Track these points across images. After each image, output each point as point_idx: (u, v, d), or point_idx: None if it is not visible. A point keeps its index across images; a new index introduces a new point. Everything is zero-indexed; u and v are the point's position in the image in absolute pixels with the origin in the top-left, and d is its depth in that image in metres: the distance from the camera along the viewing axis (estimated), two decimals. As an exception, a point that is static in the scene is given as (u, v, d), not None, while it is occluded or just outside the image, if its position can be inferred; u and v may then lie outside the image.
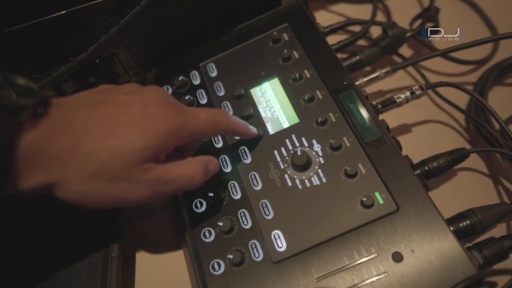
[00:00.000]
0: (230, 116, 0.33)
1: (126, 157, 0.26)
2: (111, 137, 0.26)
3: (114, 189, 0.27)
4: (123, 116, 0.27)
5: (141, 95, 0.29)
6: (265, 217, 0.32)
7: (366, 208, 0.31)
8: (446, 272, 0.27)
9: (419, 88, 0.36)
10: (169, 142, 0.28)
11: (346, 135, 0.34)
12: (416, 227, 0.29)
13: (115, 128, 0.27)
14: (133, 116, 0.27)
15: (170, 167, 0.29)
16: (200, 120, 0.30)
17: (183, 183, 0.29)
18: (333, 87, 0.37)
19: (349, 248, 0.29)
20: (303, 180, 0.33)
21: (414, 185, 0.31)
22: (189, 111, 0.30)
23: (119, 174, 0.26)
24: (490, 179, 0.37)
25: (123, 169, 0.26)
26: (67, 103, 0.27)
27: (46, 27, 0.37)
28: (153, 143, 0.27)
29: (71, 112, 0.26)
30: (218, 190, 0.34)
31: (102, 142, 0.26)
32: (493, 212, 0.32)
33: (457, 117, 0.42)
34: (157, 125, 0.28)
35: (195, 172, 0.30)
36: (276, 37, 0.41)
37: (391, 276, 0.28)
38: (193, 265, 0.32)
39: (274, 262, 0.30)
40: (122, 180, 0.27)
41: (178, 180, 0.29)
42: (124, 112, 0.28)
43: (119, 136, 0.27)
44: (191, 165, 0.30)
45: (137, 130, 0.27)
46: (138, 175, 0.27)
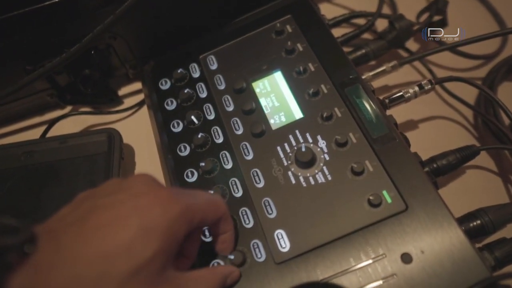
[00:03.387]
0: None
1: (140, 275, 0.21)
2: (113, 255, 0.21)
3: None
4: (116, 222, 0.22)
5: (126, 190, 0.24)
6: (268, 216, 0.31)
7: (374, 207, 0.29)
8: (457, 274, 0.26)
9: (428, 83, 0.35)
10: (178, 233, 0.24)
11: (352, 131, 0.33)
12: (426, 227, 0.28)
13: (113, 241, 0.22)
14: (125, 218, 0.23)
15: (189, 281, 0.25)
16: (200, 199, 0.26)
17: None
18: (339, 81, 0.35)
19: (356, 249, 0.28)
20: (308, 178, 0.32)
21: (423, 184, 0.29)
22: (186, 192, 0.26)
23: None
24: (499, 177, 0.36)
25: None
26: (51, 228, 0.23)
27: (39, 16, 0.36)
28: (161, 242, 0.22)
29: (57, 236, 0.22)
30: (219, 188, 0.33)
31: (103, 265, 0.21)
32: (504, 212, 0.31)
33: (465, 113, 0.40)
34: (156, 218, 0.23)
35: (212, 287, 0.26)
36: (279, 29, 0.40)
37: (400, 278, 0.27)
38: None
39: (277, 263, 0.29)
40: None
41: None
42: (115, 217, 0.23)
43: (120, 251, 0.21)
44: (209, 279, 0.26)
45: (138, 235, 0.22)
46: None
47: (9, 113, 0.43)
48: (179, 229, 0.24)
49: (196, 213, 0.25)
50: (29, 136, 0.41)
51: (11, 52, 0.38)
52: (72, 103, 0.44)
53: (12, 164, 0.38)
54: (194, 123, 0.37)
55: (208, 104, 0.38)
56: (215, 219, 0.28)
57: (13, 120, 0.44)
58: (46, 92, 0.42)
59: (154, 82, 0.41)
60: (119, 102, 0.45)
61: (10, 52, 0.38)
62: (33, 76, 0.36)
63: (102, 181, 0.36)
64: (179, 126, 0.38)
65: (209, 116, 0.37)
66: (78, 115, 0.43)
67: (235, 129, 0.36)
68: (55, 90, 0.42)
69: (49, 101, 0.43)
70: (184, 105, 0.39)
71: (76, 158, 0.38)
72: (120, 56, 0.43)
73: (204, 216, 0.26)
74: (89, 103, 0.44)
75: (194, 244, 0.28)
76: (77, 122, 0.43)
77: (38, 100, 0.43)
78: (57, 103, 0.44)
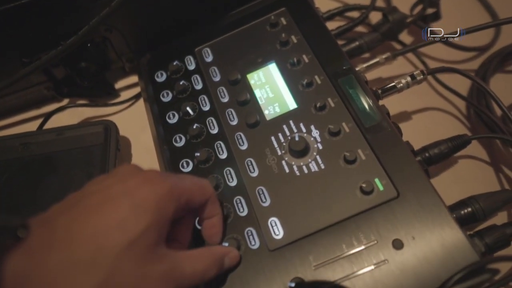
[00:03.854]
0: None
1: (133, 249, 0.22)
2: (106, 232, 0.22)
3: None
4: (106, 203, 0.23)
5: (112, 177, 0.25)
6: (262, 204, 0.31)
7: (366, 195, 0.30)
8: (447, 259, 0.26)
9: (420, 73, 0.35)
10: (167, 210, 0.24)
11: (345, 120, 0.33)
12: (417, 213, 0.28)
13: (105, 219, 0.22)
14: (115, 198, 0.23)
15: (185, 259, 0.25)
16: (186, 180, 0.27)
17: (197, 280, 0.25)
18: (332, 72, 0.36)
19: (348, 235, 0.29)
20: (301, 167, 0.32)
21: (415, 171, 0.30)
22: (171, 174, 0.27)
23: (132, 273, 0.22)
24: (491, 166, 0.37)
25: (135, 265, 0.22)
26: (43, 217, 0.23)
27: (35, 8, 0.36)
28: (151, 218, 0.23)
29: (50, 222, 0.23)
30: (214, 177, 0.33)
31: (97, 242, 0.22)
32: (495, 199, 0.31)
33: (457, 104, 0.41)
34: (145, 196, 0.24)
35: (208, 267, 0.26)
36: (273, 22, 0.40)
37: (391, 264, 0.27)
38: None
39: (271, 250, 0.29)
40: (137, 279, 0.22)
41: (193, 276, 0.25)
42: (105, 198, 0.23)
43: (112, 227, 0.22)
44: (205, 258, 0.26)
45: (129, 213, 0.23)
46: (151, 268, 0.23)
47: (6, 106, 0.43)
48: (167, 206, 0.24)
49: (183, 192, 0.26)
50: (26, 129, 0.42)
51: (7, 44, 0.38)
52: (68, 96, 0.44)
53: (9, 156, 0.38)
54: (190, 114, 0.37)
55: (203, 95, 0.38)
56: (202, 201, 0.28)
57: (10, 113, 0.44)
58: (43, 85, 0.43)
59: (150, 75, 0.41)
60: (115, 95, 0.45)
61: (6, 45, 0.38)
62: (30, 68, 0.37)
63: (99, 172, 0.37)
64: (174, 117, 0.38)
65: (204, 108, 0.38)
66: (75, 108, 0.43)
67: (230, 119, 0.36)
68: (52, 83, 0.43)
69: (45, 94, 0.44)
70: (179, 97, 0.39)
71: (73, 150, 0.38)
72: (116, 49, 0.43)
73: (191, 196, 0.27)
74: (86, 96, 0.44)
75: (186, 228, 0.28)
76: (73, 115, 0.44)
77: (35, 93, 0.43)
78: (54, 96, 0.44)
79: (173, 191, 0.25)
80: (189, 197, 0.27)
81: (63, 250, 0.21)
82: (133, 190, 0.24)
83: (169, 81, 0.40)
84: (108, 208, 0.23)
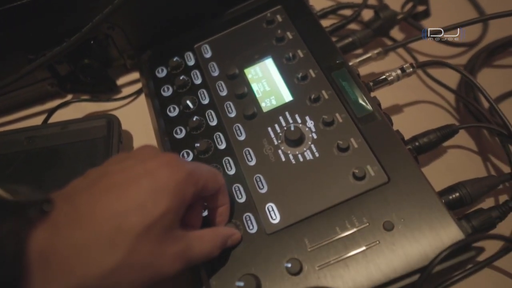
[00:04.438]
0: None
1: (152, 230, 0.23)
2: (126, 213, 0.23)
3: (147, 271, 0.23)
4: (127, 183, 0.24)
5: (133, 157, 0.26)
6: (259, 190, 0.33)
7: (358, 180, 0.31)
8: (435, 238, 0.28)
9: (409, 66, 0.37)
10: (185, 194, 0.25)
11: (338, 111, 0.35)
12: (406, 197, 0.30)
13: (126, 200, 0.23)
14: (136, 179, 0.24)
15: (195, 238, 0.26)
16: (202, 167, 0.28)
17: (204, 258, 0.27)
18: (326, 65, 0.37)
19: (342, 219, 0.30)
20: (296, 155, 0.34)
21: (404, 158, 0.31)
22: (188, 161, 0.28)
23: (150, 253, 0.23)
24: (479, 155, 0.38)
25: (153, 245, 0.23)
26: (65, 192, 0.24)
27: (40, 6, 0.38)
28: (170, 201, 0.24)
29: (73, 198, 0.24)
30: (213, 167, 0.34)
31: (118, 221, 0.22)
32: (481, 185, 0.33)
33: (447, 97, 0.43)
34: (165, 179, 0.24)
35: (214, 245, 0.27)
36: (269, 19, 0.42)
37: (382, 244, 0.28)
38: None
39: (268, 234, 0.31)
40: (154, 258, 0.23)
41: (201, 254, 0.26)
42: (126, 178, 0.24)
43: (133, 208, 0.23)
44: (212, 238, 0.28)
45: (149, 195, 0.24)
46: (167, 248, 0.24)
47: (12, 101, 0.45)
48: (186, 191, 0.25)
49: (200, 178, 0.27)
50: (31, 124, 0.43)
51: (13, 42, 0.40)
52: (72, 91, 0.46)
53: (15, 149, 0.40)
54: (190, 108, 0.39)
55: (202, 89, 0.40)
56: (215, 189, 0.29)
57: (16, 109, 0.46)
58: (47, 81, 0.44)
59: (151, 70, 0.43)
60: (117, 91, 0.47)
61: (12, 42, 0.40)
62: (36, 64, 0.38)
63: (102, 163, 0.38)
64: (175, 110, 0.39)
65: (203, 101, 0.39)
66: (78, 103, 0.45)
67: (228, 112, 0.38)
68: (56, 79, 0.44)
69: (49, 90, 0.45)
70: (179, 91, 0.40)
71: (77, 143, 0.40)
72: (118, 46, 0.44)
73: (206, 183, 0.28)
74: (89, 92, 0.46)
75: (197, 213, 0.29)
76: (77, 110, 0.45)
77: (39, 89, 0.44)
78: (58, 92, 0.45)
79: (192, 176, 0.26)
80: (205, 184, 0.27)
81: (85, 228, 0.22)
82: (154, 172, 0.25)
83: (169, 77, 0.42)
84: (129, 189, 0.24)
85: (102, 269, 0.22)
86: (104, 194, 0.23)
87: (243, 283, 0.28)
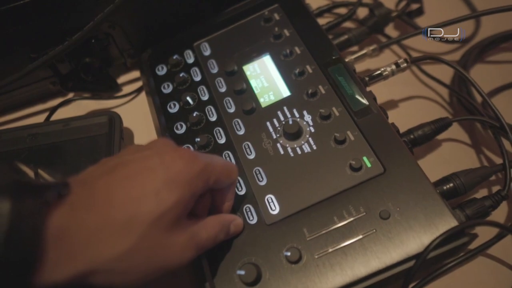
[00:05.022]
0: None
1: (164, 219, 0.24)
2: (141, 200, 0.24)
3: (157, 258, 0.24)
4: (143, 173, 0.25)
5: (150, 149, 0.27)
6: (259, 183, 0.34)
7: (355, 171, 0.32)
8: (430, 227, 0.29)
9: (404, 61, 0.38)
10: (197, 187, 0.26)
11: (335, 105, 0.36)
12: (402, 186, 0.31)
13: (141, 188, 0.24)
14: (152, 170, 0.25)
15: (201, 227, 0.27)
16: (217, 162, 0.29)
17: (209, 246, 0.28)
18: (323, 61, 0.38)
19: (339, 209, 0.31)
20: (295, 148, 0.34)
21: (399, 149, 0.32)
22: (204, 154, 0.28)
23: (160, 240, 0.24)
24: (472, 148, 0.39)
25: (163, 233, 0.24)
26: (82, 178, 0.25)
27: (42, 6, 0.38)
28: (182, 193, 0.25)
29: (89, 183, 0.24)
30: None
31: (132, 208, 0.23)
32: (474, 175, 0.33)
33: (441, 92, 0.44)
34: (180, 172, 0.25)
35: (218, 233, 0.28)
36: (267, 17, 0.43)
37: (378, 232, 0.29)
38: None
39: (268, 224, 0.31)
40: (164, 247, 0.24)
41: (207, 242, 0.27)
42: (143, 168, 0.25)
43: (148, 197, 0.24)
44: (215, 225, 0.29)
45: (164, 185, 0.24)
46: (176, 238, 0.25)
47: (14, 100, 0.45)
48: (198, 184, 0.26)
49: (213, 173, 0.28)
50: (33, 122, 0.44)
51: (16, 41, 0.41)
52: (73, 90, 0.46)
53: (18, 146, 0.40)
54: (190, 104, 0.40)
55: (202, 86, 0.41)
56: (228, 183, 0.30)
57: (18, 108, 0.46)
58: (49, 80, 0.45)
59: (151, 68, 0.44)
60: (118, 89, 0.47)
61: (15, 41, 0.41)
62: (39, 62, 0.39)
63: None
64: (175, 107, 0.40)
65: (203, 97, 0.40)
66: (79, 101, 0.46)
67: (228, 107, 0.38)
68: (58, 78, 0.45)
69: (51, 89, 0.46)
70: (179, 88, 0.41)
71: (79, 139, 0.40)
72: (118, 45, 0.45)
73: (219, 178, 0.28)
74: (90, 90, 0.47)
75: (205, 204, 0.30)
76: (78, 108, 0.46)
77: (41, 87, 0.45)
78: (60, 90, 0.46)
79: (205, 170, 0.27)
80: (218, 178, 0.28)
81: (101, 212, 0.23)
82: (169, 164, 0.25)
83: (169, 74, 0.43)
84: (145, 178, 0.25)
85: (113, 252, 0.22)
86: (120, 181, 0.24)
87: (244, 271, 0.29)
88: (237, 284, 0.29)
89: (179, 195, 0.25)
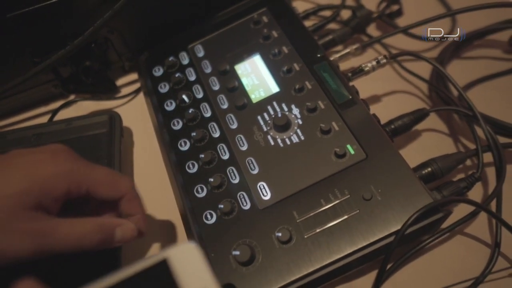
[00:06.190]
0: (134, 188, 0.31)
1: (3, 201, 0.25)
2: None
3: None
4: (11, 164, 0.27)
5: (35, 148, 0.29)
6: (251, 172, 0.36)
7: (339, 158, 0.35)
8: (408, 205, 0.31)
9: (383, 58, 0.41)
10: (55, 186, 0.27)
11: (320, 99, 0.38)
12: (382, 170, 0.33)
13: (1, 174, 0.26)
14: (21, 162, 0.27)
15: (62, 223, 0.27)
16: (98, 171, 0.29)
17: (73, 243, 0.26)
18: (309, 59, 0.41)
19: (326, 192, 0.33)
20: (284, 139, 0.37)
21: (380, 136, 0.35)
22: (87, 162, 0.29)
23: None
24: (449, 136, 0.42)
25: (6, 216, 0.25)
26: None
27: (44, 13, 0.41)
28: (34, 186, 0.26)
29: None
30: (209, 152, 0.38)
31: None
32: (450, 159, 0.36)
33: (420, 86, 0.47)
34: (43, 169, 0.27)
35: (87, 231, 0.27)
36: (256, 20, 0.45)
37: (362, 212, 0.32)
38: (188, 217, 0.35)
39: (261, 209, 0.34)
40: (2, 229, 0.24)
41: (68, 238, 0.26)
42: (14, 160, 0.27)
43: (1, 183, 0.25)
44: (86, 223, 0.27)
45: (19, 174, 0.26)
46: (17, 224, 0.25)
47: (18, 103, 0.48)
48: (56, 185, 0.27)
49: (84, 180, 0.28)
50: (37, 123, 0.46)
51: (19, 46, 0.43)
52: (74, 92, 0.49)
53: (23, 145, 0.42)
54: (185, 102, 0.42)
55: (197, 85, 0.43)
56: (112, 195, 0.30)
57: (21, 110, 0.49)
58: (51, 83, 0.47)
59: (149, 70, 0.46)
60: (116, 91, 0.50)
61: (18, 46, 0.43)
62: (42, 66, 0.41)
63: (106, 155, 0.41)
64: (172, 105, 0.43)
65: (198, 95, 0.43)
66: (80, 102, 0.48)
67: (221, 104, 0.41)
68: (59, 81, 0.47)
69: (53, 92, 0.48)
70: (175, 87, 0.44)
71: (81, 137, 0.43)
72: (117, 49, 0.48)
73: (95, 188, 0.29)
74: (90, 92, 0.49)
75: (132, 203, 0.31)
76: (79, 109, 0.48)
77: (44, 90, 0.47)
78: (61, 93, 0.48)
79: (70, 175, 0.28)
80: (93, 187, 0.29)
81: None
82: (38, 161, 0.27)
83: (165, 75, 0.45)
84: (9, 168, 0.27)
85: None
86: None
87: (239, 252, 0.31)
88: (233, 263, 0.32)
89: (28, 186, 0.26)
